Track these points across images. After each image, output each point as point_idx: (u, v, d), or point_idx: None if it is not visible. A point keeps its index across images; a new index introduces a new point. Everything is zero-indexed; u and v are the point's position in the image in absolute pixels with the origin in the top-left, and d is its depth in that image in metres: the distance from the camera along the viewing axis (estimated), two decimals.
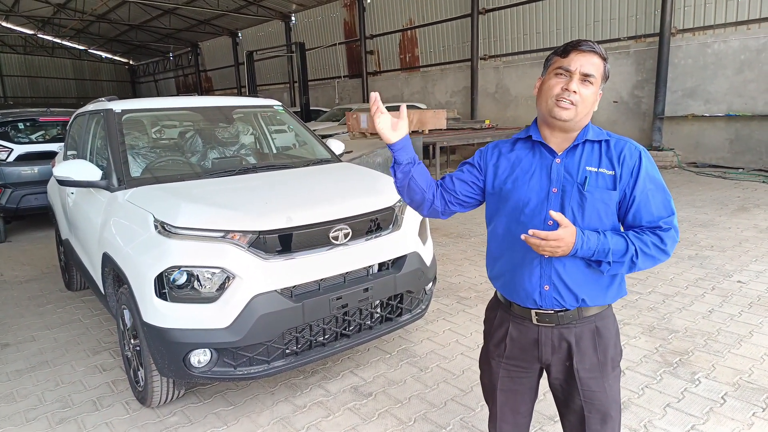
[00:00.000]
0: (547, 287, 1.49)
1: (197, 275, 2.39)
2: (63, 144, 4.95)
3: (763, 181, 8.61)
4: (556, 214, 1.36)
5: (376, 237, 2.86)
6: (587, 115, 1.44)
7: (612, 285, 1.52)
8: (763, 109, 9.62)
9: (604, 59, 1.42)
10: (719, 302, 3.82)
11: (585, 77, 1.39)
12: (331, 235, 2.66)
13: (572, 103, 1.39)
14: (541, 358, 1.57)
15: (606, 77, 1.44)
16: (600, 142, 1.48)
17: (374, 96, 1.53)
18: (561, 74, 1.41)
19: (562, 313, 1.51)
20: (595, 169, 1.45)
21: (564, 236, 1.35)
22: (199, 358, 2.41)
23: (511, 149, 1.58)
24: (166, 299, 2.39)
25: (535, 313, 1.53)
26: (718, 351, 3.11)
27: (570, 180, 1.46)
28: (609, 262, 1.42)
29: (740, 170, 9.75)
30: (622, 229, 1.50)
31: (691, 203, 7.24)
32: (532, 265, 1.49)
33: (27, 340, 3.73)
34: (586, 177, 1.44)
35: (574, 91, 1.39)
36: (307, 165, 3.71)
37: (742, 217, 6.35)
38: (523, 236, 1.38)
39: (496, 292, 1.70)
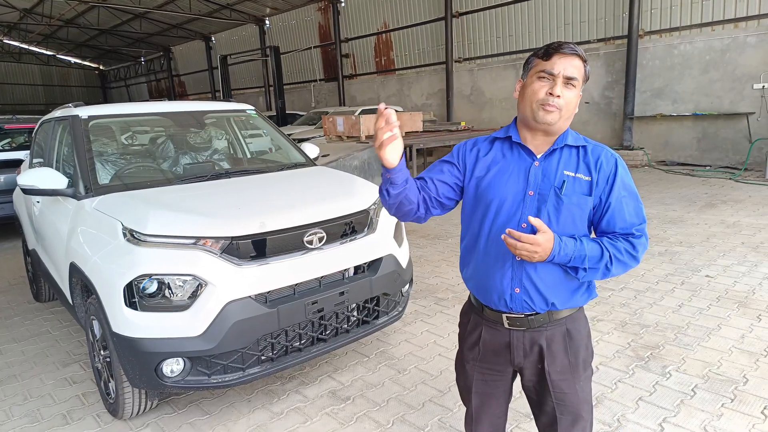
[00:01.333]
0: (517, 290, 1.49)
1: (168, 283, 2.35)
2: (29, 152, 4.81)
3: (730, 178, 8.88)
4: (534, 220, 1.36)
5: (351, 240, 2.86)
6: (570, 118, 1.45)
7: (581, 288, 1.54)
8: (729, 107, 9.93)
9: (585, 61, 1.42)
10: (688, 297, 3.92)
11: (568, 80, 1.39)
12: (305, 239, 2.64)
13: (556, 107, 1.39)
14: (514, 362, 1.58)
15: (586, 78, 1.44)
16: (578, 147, 1.49)
17: (393, 117, 1.33)
18: (544, 78, 1.40)
19: (532, 317, 1.51)
20: (573, 174, 1.46)
21: (542, 242, 1.35)
22: (172, 367, 2.37)
23: (489, 148, 1.56)
24: (136, 308, 2.34)
25: (506, 317, 1.53)
26: (688, 344, 3.19)
27: (547, 183, 1.46)
28: (585, 269, 1.42)
29: (707, 168, 10.04)
30: (593, 235, 1.52)
31: (661, 201, 7.42)
32: (504, 267, 1.49)
33: None
34: (564, 181, 1.45)
35: (558, 95, 1.38)
36: (281, 169, 3.69)
37: (709, 213, 6.53)
38: (502, 236, 1.38)
39: (470, 296, 1.70)
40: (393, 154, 1.38)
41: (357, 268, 2.87)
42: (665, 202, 7.33)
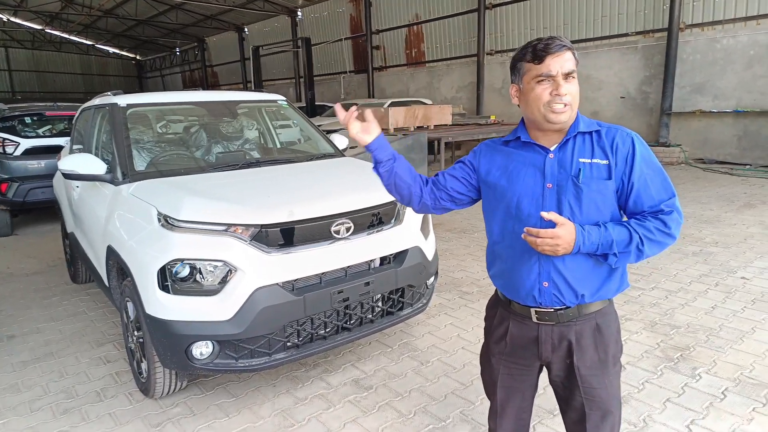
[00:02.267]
0: (546, 284, 1.48)
1: (199, 268, 2.41)
2: (69, 138, 4.99)
3: None
4: (548, 215, 1.35)
5: (377, 231, 2.87)
6: (577, 107, 1.44)
7: (612, 278, 1.50)
8: None
9: (571, 48, 1.40)
10: (722, 298, 3.81)
11: (567, 75, 1.38)
12: (332, 229, 2.67)
13: (566, 105, 1.39)
14: (542, 356, 1.57)
15: (578, 62, 1.43)
16: (591, 132, 1.47)
17: (352, 110, 1.58)
18: (543, 81, 1.39)
19: (561, 311, 1.50)
20: (589, 161, 1.44)
21: (562, 235, 1.34)
22: (201, 350, 2.44)
23: (503, 149, 1.58)
24: (168, 292, 2.41)
25: (535, 311, 1.53)
26: (720, 347, 3.10)
27: (564, 174, 1.45)
28: (615, 254, 1.40)
29: (748, 166, 9.67)
30: (625, 218, 1.49)
31: (697, 199, 7.20)
32: (531, 262, 1.49)
33: (32, 331, 3.78)
34: (579, 169, 1.43)
35: (565, 94, 1.38)
36: (311, 159, 3.73)
37: (748, 213, 6.31)
38: (522, 234, 1.38)
39: (496, 290, 1.70)
40: (359, 134, 1.58)
41: (383, 259, 2.89)
42: (702, 201, 7.11)
